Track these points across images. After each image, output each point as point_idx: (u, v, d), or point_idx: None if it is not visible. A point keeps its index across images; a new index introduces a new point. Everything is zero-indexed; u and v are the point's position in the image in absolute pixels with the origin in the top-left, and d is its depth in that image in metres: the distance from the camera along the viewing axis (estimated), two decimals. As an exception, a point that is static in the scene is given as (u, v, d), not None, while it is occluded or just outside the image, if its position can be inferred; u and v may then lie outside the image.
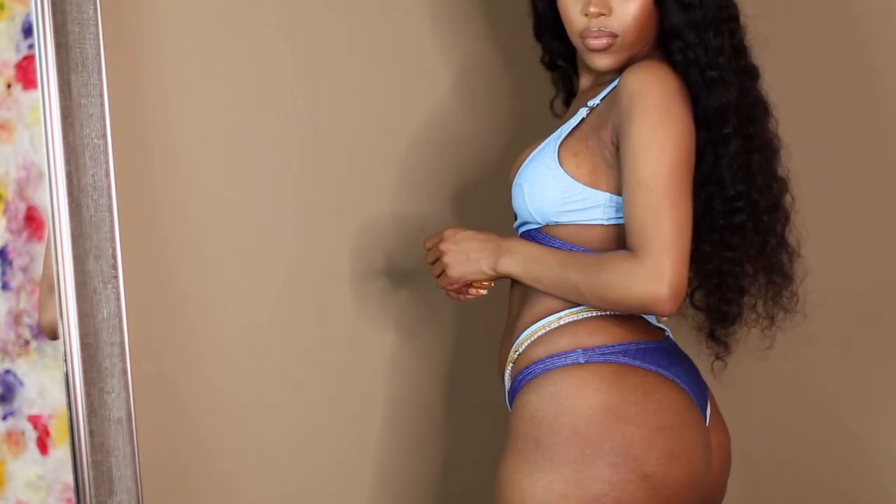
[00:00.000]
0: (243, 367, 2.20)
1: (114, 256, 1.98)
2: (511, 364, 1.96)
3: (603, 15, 1.89)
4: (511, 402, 1.96)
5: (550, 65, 2.13)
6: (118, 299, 1.98)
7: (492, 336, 2.32)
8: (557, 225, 1.92)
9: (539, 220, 1.94)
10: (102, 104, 1.97)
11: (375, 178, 2.30)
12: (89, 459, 1.97)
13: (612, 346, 1.89)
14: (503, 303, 2.18)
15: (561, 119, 2.03)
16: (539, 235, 1.94)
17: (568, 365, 1.88)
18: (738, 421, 2.08)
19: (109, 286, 1.98)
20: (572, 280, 1.87)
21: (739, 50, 1.93)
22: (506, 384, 1.99)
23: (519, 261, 1.92)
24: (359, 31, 2.27)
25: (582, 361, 1.88)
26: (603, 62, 1.92)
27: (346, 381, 2.30)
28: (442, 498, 2.42)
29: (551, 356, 1.90)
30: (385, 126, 2.30)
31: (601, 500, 1.82)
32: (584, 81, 2.03)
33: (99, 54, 1.96)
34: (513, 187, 1.97)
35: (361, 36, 2.27)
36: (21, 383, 1.96)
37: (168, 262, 2.11)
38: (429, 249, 2.01)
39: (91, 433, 1.97)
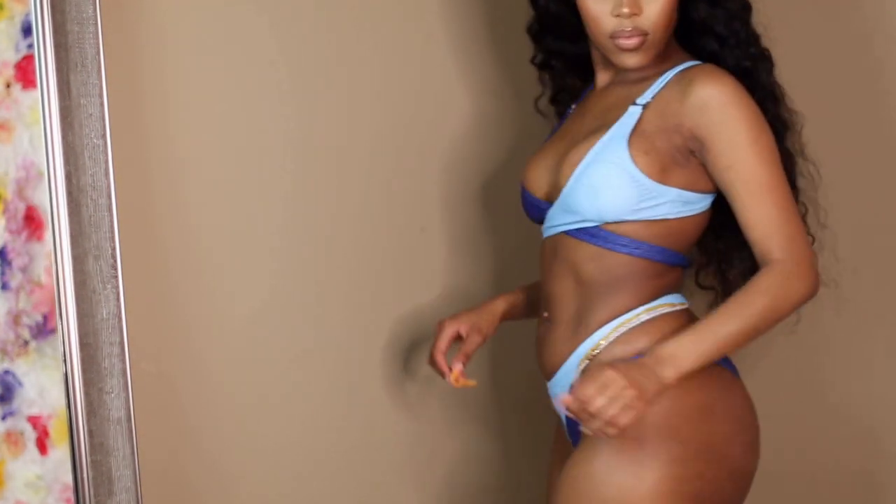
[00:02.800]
0: (242, 367, 2.19)
1: (113, 256, 1.98)
2: (586, 361, 1.95)
3: (635, 14, 1.91)
4: None
5: (544, 64, 2.15)
6: (118, 299, 1.98)
7: (495, 337, 2.32)
8: (624, 222, 1.93)
9: (605, 219, 1.93)
10: (102, 104, 1.97)
11: (374, 179, 2.30)
12: (89, 459, 1.97)
13: None
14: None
15: (579, 118, 2.04)
16: (600, 233, 1.94)
17: None
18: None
19: (109, 286, 1.98)
20: (748, 327, 1.86)
21: (756, 37, 1.99)
22: (559, 382, 1.99)
23: (684, 360, 1.86)
24: (358, 32, 2.26)
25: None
26: (633, 60, 1.94)
27: (345, 381, 2.30)
28: (441, 497, 2.41)
29: (639, 355, 1.90)
30: (384, 127, 2.30)
31: (699, 497, 1.87)
32: (603, 78, 2.04)
33: (98, 54, 1.96)
34: (570, 188, 1.94)
35: (361, 36, 2.27)
36: (20, 383, 1.96)
37: (167, 262, 2.11)
38: (576, 411, 1.85)
39: (90, 433, 1.97)
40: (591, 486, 1.89)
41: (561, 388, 1.97)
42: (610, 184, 1.91)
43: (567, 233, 1.97)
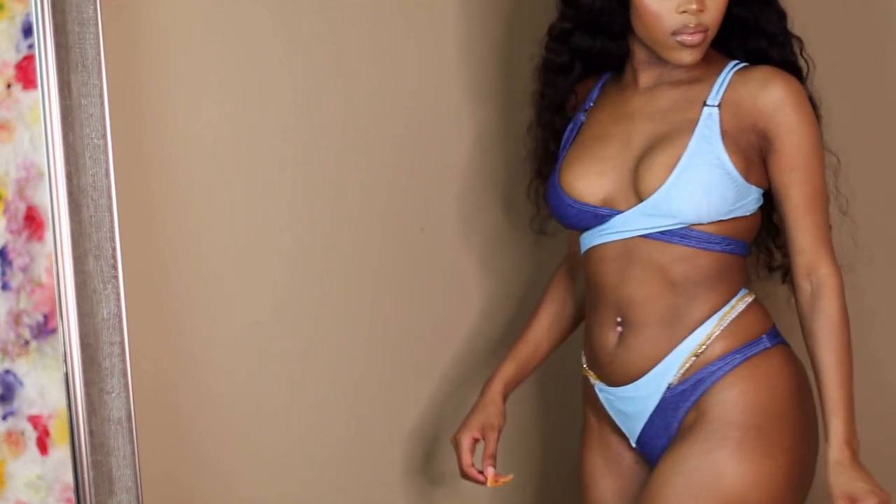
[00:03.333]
0: (243, 368, 2.19)
1: (114, 256, 1.98)
2: (693, 358, 1.97)
3: (700, 11, 1.93)
4: (678, 397, 1.98)
5: (563, 67, 2.11)
6: (118, 299, 1.98)
7: (494, 339, 2.32)
8: (713, 222, 1.96)
9: (703, 220, 1.95)
10: (102, 104, 1.96)
11: (375, 179, 2.30)
12: (89, 459, 1.97)
13: (774, 328, 2.02)
14: (508, 308, 2.20)
15: (622, 120, 2.03)
16: (691, 233, 1.96)
17: (761, 351, 1.97)
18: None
19: (109, 286, 1.98)
20: (849, 352, 1.94)
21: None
22: (648, 385, 1.99)
23: (848, 418, 1.92)
24: (359, 33, 2.26)
25: (769, 346, 1.98)
26: (691, 57, 1.96)
27: (345, 382, 2.30)
28: (446, 501, 2.41)
29: (745, 345, 1.97)
30: (385, 127, 2.30)
31: (801, 484, 1.95)
32: (647, 78, 2.04)
33: (99, 54, 1.96)
34: (665, 192, 1.94)
35: (362, 37, 2.27)
36: (21, 383, 1.96)
37: (168, 263, 2.11)
38: None
39: (91, 433, 1.97)
40: (711, 478, 1.92)
41: (654, 388, 1.99)
42: (716, 186, 1.93)
43: (648, 236, 1.97)
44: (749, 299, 2.00)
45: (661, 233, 1.96)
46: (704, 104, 1.97)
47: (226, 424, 2.19)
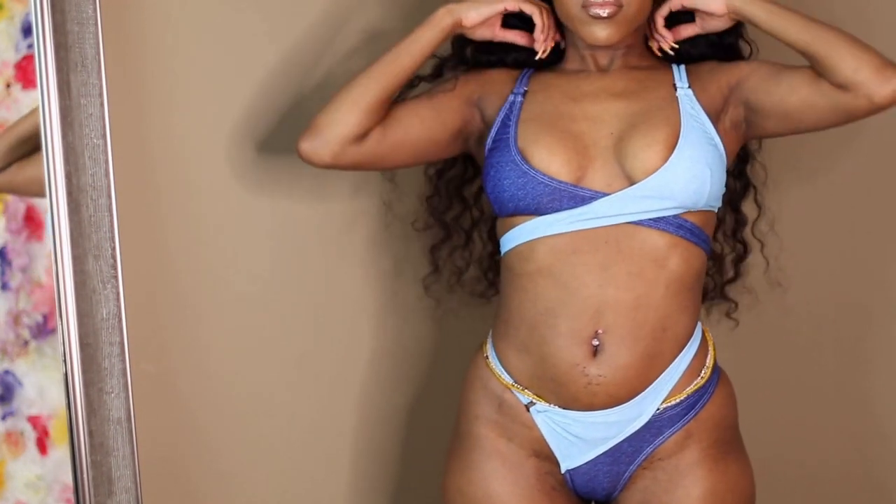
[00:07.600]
0: (243, 367, 2.19)
1: (113, 256, 1.98)
2: (685, 377, 1.86)
3: None
4: (665, 422, 1.86)
5: (495, 64, 1.99)
6: (118, 299, 1.98)
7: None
8: (700, 211, 1.85)
9: (699, 205, 1.82)
10: (102, 104, 1.97)
11: (375, 179, 2.30)
12: (88, 459, 1.97)
13: None
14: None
15: (584, 99, 1.90)
16: (686, 223, 1.82)
17: (720, 371, 1.93)
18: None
19: (109, 286, 1.98)
20: (830, 32, 1.80)
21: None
22: (639, 406, 1.85)
23: (763, 5, 1.83)
24: (361, 33, 2.26)
25: (717, 366, 1.93)
26: (604, 33, 1.83)
27: (346, 382, 2.30)
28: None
29: (716, 362, 1.91)
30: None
31: None
32: (600, 60, 1.93)
33: (98, 54, 1.96)
34: (668, 171, 1.80)
35: (364, 38, 2.27)
36: (20, 383, 1.96)
37: (168, 262, 2.11)
38: None
39: (90, 433, 1.97)
40: (737, 494, 1.90)
41: (639, 412, 1.84)
42: (715, 165, 1.82)
43: (639, 223, 1.81)
44: (700, 325, 1.92)
45: (654, 220, 1.80)
46: (675, 87, 1.88)
47: (226, 424, 2.19)
